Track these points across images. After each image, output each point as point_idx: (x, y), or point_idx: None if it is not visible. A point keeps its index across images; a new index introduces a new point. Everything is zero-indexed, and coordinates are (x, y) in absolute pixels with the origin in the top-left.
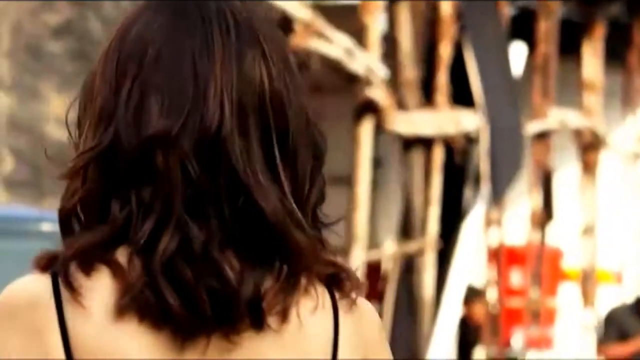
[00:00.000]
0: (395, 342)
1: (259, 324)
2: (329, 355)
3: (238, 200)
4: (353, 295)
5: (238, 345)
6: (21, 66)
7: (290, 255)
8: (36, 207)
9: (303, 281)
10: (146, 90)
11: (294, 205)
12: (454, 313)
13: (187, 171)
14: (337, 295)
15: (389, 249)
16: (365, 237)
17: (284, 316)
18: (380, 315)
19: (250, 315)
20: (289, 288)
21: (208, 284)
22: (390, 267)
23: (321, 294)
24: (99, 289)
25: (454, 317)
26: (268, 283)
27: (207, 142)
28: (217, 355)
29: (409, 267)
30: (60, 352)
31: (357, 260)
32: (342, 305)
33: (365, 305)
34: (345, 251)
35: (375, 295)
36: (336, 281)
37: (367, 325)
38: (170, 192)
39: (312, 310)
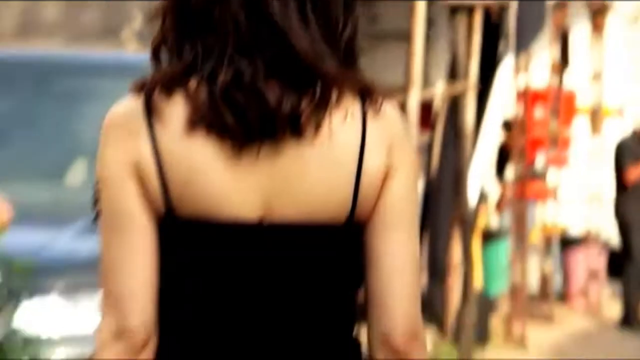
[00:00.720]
0: (443, 162)
1: (297, 133)
2: (357, 158)
3: (277, 44)
4: (379, 102)
5: (282, 153)
6: None
7: (322, 81)
8: None
9: (334, 97)
10: None
11: (324, 46)
12: (491, 140)
13: (237, 22)
14: (366, 104)
15: (439, 90)
16: (420, 80)
17: (317, 128)
18: (432, 142)
19: (290, 127)
20: (322, 105)
21: (255, 105)
22: (440, 104)
23: (351, 106)
24: (176, 108)
25: (491, 143)
26: (304, 104)
27: None
28: (266, 159)
29: (454, 104)
30: (149, 152)
31: (414, 99)
32: (370, 112)
33: (390, 110)
34: (405, 91)
35: (427, 126)
36: (366, 94)
37: (391, 124)
38: (225, 38)
39: (342, 120)
